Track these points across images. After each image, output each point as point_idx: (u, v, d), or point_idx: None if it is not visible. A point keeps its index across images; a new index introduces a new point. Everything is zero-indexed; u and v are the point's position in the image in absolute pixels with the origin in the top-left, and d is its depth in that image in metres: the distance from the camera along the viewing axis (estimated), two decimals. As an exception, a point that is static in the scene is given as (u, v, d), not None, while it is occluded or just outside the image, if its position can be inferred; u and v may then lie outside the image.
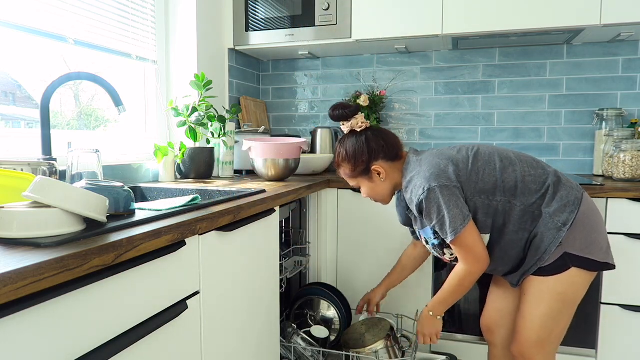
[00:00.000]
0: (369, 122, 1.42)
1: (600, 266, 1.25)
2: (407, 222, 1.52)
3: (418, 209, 1.29)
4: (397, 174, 1.40)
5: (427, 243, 1.40)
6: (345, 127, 1.41)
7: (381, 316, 1.84)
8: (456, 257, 1.34)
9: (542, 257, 1.25)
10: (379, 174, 1.39)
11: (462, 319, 1.91)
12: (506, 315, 1.50)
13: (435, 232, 1.32)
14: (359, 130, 1.40)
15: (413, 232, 1.59)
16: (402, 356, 1.63)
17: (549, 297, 1.26)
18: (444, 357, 1.77)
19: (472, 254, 1.26)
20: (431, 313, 1.39)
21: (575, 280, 1.25)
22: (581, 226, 1.24)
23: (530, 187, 1.26)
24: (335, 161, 1.45)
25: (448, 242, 1.26)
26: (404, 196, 1.37)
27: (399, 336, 1.75)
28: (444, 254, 1.38)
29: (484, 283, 1.87)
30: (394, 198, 1.57)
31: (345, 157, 1.40)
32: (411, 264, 1.65)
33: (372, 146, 1.37)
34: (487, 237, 1.30)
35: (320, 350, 1.70)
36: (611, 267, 1.27)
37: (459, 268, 1.30)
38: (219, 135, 1.93)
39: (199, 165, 1.83)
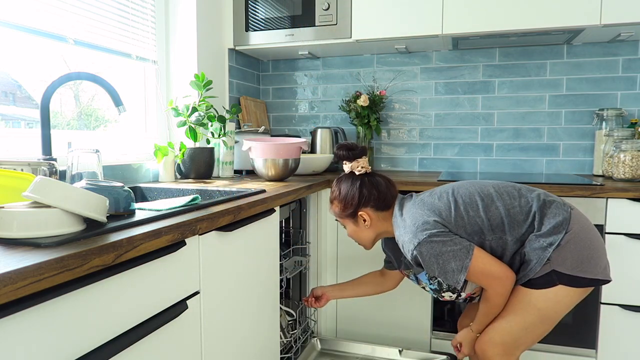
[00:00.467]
0: (370, 167, 1.45)
1: (589, 282, 1.23)
2: (395, 256, 1.53)
3: (415, 263, 1.30)
4: (383, 223, 1.42)
5: (425, 288, 1.44)
6: (346, 167, 1.44)
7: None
8: (457, 294, 1.37)
9: (527, 273, 1.25)
10: (364, 220, 1.41)
11: (462, 319, 1.91)
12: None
13: (430, 278, 1.35)
14: (357, 173, 1.42)
15: (388, 262, 1.63)
16: None
17: (528, 309, 1.26)
18: (444, 357, 1.77)
19: (493, 277, 1.24)
20: (478, 335, 1.38)
21: (560, 297, 1.24)
22: (572, 245, 1.23)
23: (518, 219, 1.26)
24: (330, 197, 1.48)
25: (460, 285, 1.25)
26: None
27: None
28: (443, 296, 1.41)
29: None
30: (380, 241, 1.60)
31: (337, 197, 1.44)
32: (371, 287, 1.67)
33: (364, 193, 1.39)
34: None
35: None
36: (601, 283, 1.25)
37: (488, 294, 1.29)
38: (219, 135, 1.93)
39: (199, 165, 1.83)
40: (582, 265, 1.22)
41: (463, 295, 1.41)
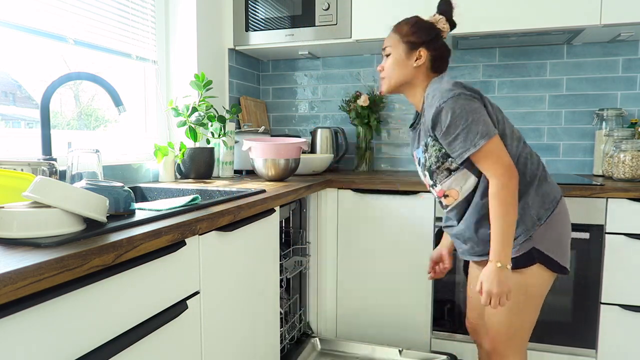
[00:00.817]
0: (446, 37, 1.39)
1: (559, 269, 1.26)
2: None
3: (433, 119, 1.24)
4: (423, 78, 1.35)
5: (419, 164, 1.40)
6: (432, 17, 1.39)
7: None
8: (445, 175, 1.31)
9: (519, 236, 1.25)
10: (418, 58, 1.34)
11: (462, 319, 1.91)
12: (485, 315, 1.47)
13: (425, 152, 1.32)
14: (438, 27, 1.37)
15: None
16: None
17: (516, 289, 1.25)
18: (444, 356, 1.77)
19: (503, 165, 1.19)
20: (499, 264, 1.16)
21: (538, 276, 1.26)
22: (554, 226, 1.25)
23: (525, 170, 1.27)
24: (399, 23, 1.41)
25: (470, 153, 1.20)
26: (422, 115, 1.33)
27: None
28: (425, 175, 1.37)
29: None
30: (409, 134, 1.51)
31: (413, 23, 1.37)
32: None
33: (439, 41, 1.35)
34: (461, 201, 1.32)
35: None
36: (566, 272, 1.28)
37: (492, 188, 1.20)
38: (219, 135, 1.93)
39: (199, 165, 1.83)
40: (557, 248, 1.25)
41: (437, 187, 1.36)
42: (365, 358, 1.86)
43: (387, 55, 1.39)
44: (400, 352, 1.82)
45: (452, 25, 1.39)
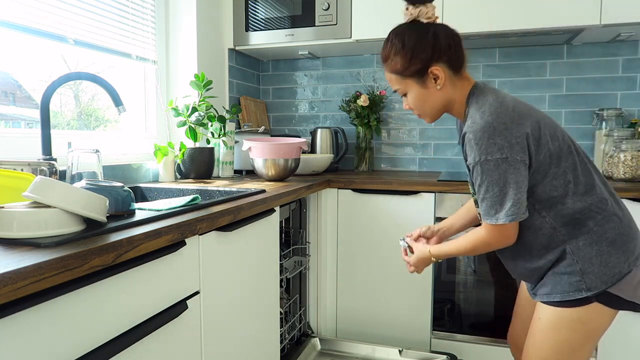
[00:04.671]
0: (438, 17, 1.14)
1: (629, 305, 1.08)
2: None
3: (468, 162, 1.08)
4: (454, 90, 1.15)
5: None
6: (408, 13, 1.13)
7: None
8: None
9: (555, 295, 1.10)
10: (435, 79, 1.12)
11: (462, 319, 1.91)
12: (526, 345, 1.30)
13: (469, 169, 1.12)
14: (425, 21, 1.12)
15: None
16: None
17: (570, 327, 1.08)
18: (444, 356, 1.77)
19: (505, 236, 1.08)
20: (433, 259, 1.27)
21: (602, 314, 1.07)
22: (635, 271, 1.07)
23: (602, 230, 1.07)
24: (382, 54, 1.18)
25: (487, 222, 1.07)
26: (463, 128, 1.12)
27: None
28: (475, 201, 1.20)
29: (494, 284, 1.88)
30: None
31: (400, 50, 1.12)
32: (468, 217, 1.41)
33: (440, 44, 1.09)
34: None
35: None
36: (638, 308, 1.09)
37: (478, 235, 1.12)
38: (219, 135, 1.93)
39: (199, 165, 1.83)
40: (636, 290, 1.07)
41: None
42: (365, 358, 1.86)
43: (405, 95, 1.19)
44: (400, 352, 1.82)
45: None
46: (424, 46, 1.10)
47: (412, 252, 1.36)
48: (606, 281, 1.05)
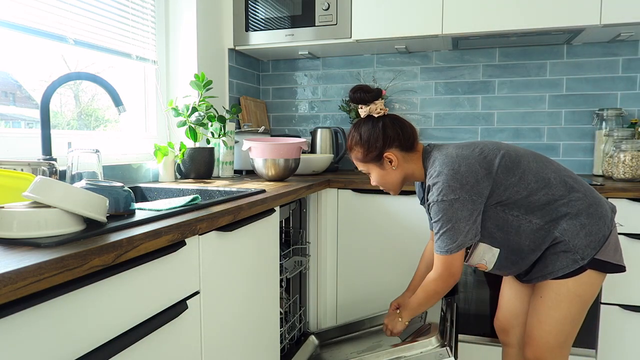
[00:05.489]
0: (387, 109, 1.38)
1: (614, 268, 1.24)
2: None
3: (429, 207, 1.28)
4: (410, 164, 1.37)
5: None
6: (363, 111, 1.37)
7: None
8: (468, 264, 1.35)
9: (557, 271, 1.24)
10: (390, 161, 1.35)
11: (462, 319, 1.91)
12: (520, 315, 1.50)
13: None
14: (376, 116, 1.36)
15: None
16: None
17: (568, 299, 1.24)
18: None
19: (449, 271, 1.26)
20: (400, 319, 1.47)
21: (592, 280, 1.23)
22: (612, 235, 1.24)
23: (568, 209, 1.23)
24: (347, 144, 1.42)
25: (440, 253, 1.25)
26: (425, 185, 1.34)
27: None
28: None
29: (489, 283, 1.87)
30: (416, 185, 1.55)
31: (358, 141, 1.36)
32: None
33: (388, 133, 1.33)
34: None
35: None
36: (623, 269, 1.25)
37: (429, 281, 1.31)
38: (219, 135, 1.93)
39: (199, 165, 1.83)
40: (616, 252, 1.24)
41: (466, 261, 1.37)
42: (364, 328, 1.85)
43: (369, 175, 1.44)
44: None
45: (379, 93, 1.36)
46: (376, 137, 1.34)
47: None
48: (595, 247, 1.22)
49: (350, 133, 1.40)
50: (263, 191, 1.46)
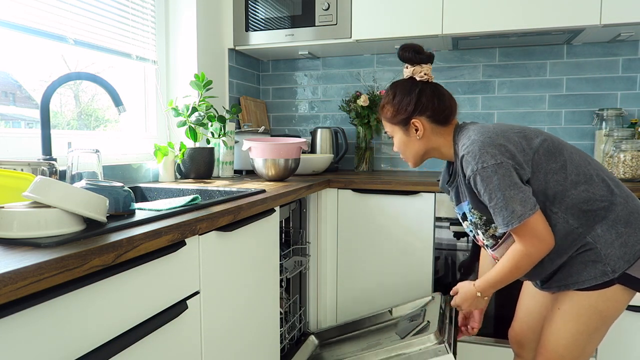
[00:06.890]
0: (433, 77, 1.31)
1: None
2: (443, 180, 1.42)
3: (467, 185, 1.18)
4: (437, 138, 1.28)
5: (464, 219, 1.30)
6: (406, 71, 1.30)
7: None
8: (492, 243, 1.25)
9: (582, 282, 1.16)
10: (416, 130, 1.27)
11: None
12: (538, 330, 1.41)
13: (472, 209, 1.22)
14: (418, 79, 1.28)
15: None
16: None
17: (588, 313, 1.16)
18: (429, 297, 1.76)
19: (537, 237, 1.12)
20: (479, 294, 1.28)
21: (618, 297, 1.14)
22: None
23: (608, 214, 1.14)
24: (382, 102, 1.34)
25: (507, 229, 1.12)
26: (456, 164, 1.24)
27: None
28: (478, 234, 1.28)
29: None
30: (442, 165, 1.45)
31: (390, 100, 1.30)
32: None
33: (422, 100, 1.25)
34: None
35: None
36: None
37: (516, 249, 1.16)
38: (219, 135, 1.93)
39: (199, 165, 1.83)
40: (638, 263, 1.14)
41: (489, 251, 1.31)
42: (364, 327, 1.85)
43: (392, 138, 1.37)
44: (390, 312, 1.81)
45: (430, 58, 1.30)
46: (409, 101, 1.27)
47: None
48: (628, 260, 1.12)
49: (386, 91, 1.33)
50: (263, 191, 1.46)
